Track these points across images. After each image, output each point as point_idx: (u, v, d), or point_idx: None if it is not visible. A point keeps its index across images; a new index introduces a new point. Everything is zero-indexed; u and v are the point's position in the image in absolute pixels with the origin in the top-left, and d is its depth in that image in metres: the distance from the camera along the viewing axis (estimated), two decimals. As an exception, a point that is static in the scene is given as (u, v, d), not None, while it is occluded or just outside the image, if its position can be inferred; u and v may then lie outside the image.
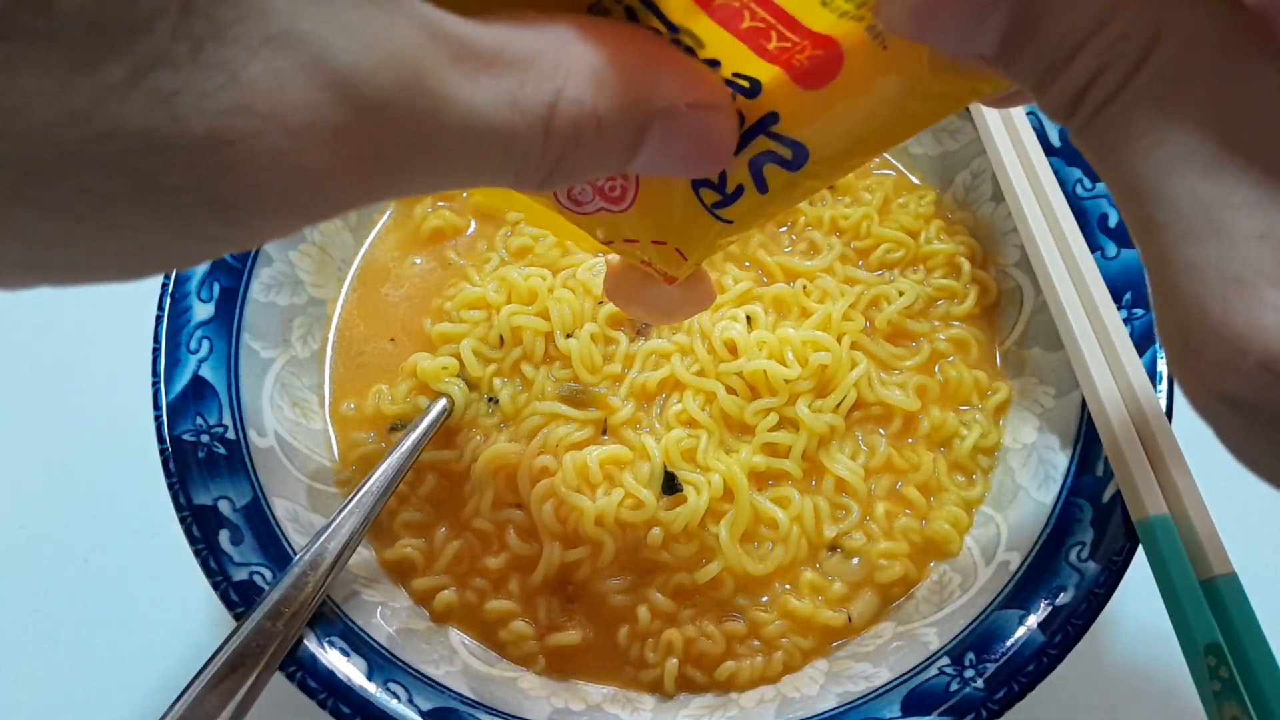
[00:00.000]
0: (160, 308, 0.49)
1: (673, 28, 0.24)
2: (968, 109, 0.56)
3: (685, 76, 0.24)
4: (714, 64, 0.25)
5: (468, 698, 0.45)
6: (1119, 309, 0.49)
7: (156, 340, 0.49)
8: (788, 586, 0.50)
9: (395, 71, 0.19)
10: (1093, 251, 0.50)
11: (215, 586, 0.44)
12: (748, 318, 0.54)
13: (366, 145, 0.19)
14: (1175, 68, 0.19)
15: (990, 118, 0.55)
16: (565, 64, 0.21)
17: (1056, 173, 0.53)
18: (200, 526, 0.45)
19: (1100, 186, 0.52)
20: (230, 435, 0.48)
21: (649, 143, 0.24)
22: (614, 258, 0.36)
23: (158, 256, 0.20)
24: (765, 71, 0.25)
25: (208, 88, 0.17)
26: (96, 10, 0.16)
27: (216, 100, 0.17)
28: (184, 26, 0.17)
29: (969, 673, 0.44)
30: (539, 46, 0.21)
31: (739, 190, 0.28)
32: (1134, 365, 0.47)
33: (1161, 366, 0.48)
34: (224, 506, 0.46)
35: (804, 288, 0.56)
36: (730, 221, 0.30)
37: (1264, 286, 0.18)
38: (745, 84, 0.25)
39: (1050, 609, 0.44)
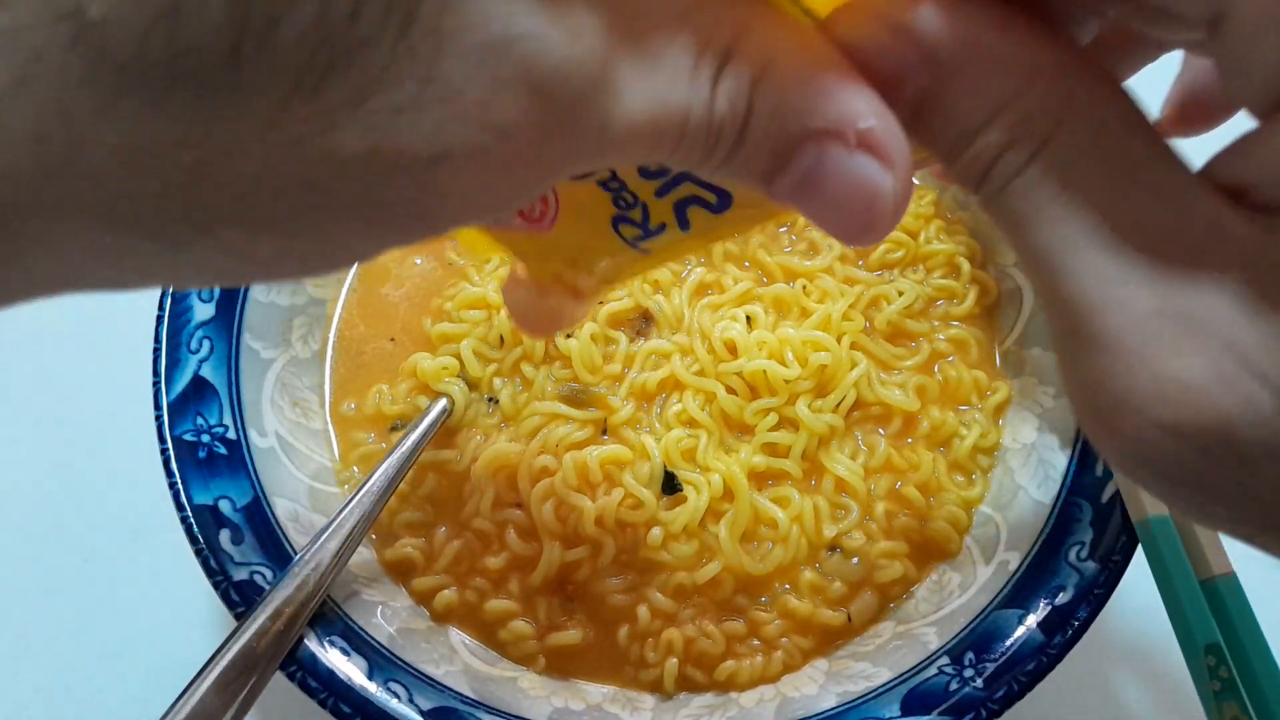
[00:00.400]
0: (160, 308, 0.49)
1: None
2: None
3: (864, 100, 0.20)
4: None
5: (468, 697, 0.45)
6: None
7: (157, 340, 0.49)
8: (787, 586, 0.50)
9: (589, 70, 0.18)
10: (1092, 252, 0.50)
11: (216, 586, 0.44)
12: (748, 318, 0.54)
13: (561, 141, 0.19)
14: (1077, 150, 0.20)
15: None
16: (740, 36, 0.20)
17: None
18: (201, 526, 0.45)
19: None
20: (231, 435, 0.48)
21: (797, 165, 0.20)
22: (520, 267, 0.35)
23: (350, 257, 0.20)
24: None
25: (428, 102, 0.17)
26: (318, 34, 0.16)
27: (437, 114, 0.17)
28: (405, 41, 0.16)
29: (968, 672, 0.44)
30: (721, 18, 0.20)
31: (661, 227, 0.28)
32: (1133, 365, 0.47)
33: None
34: (224, 506, 0.46)
35: (804, 288, 0.56)
36: (649, 252, 0.30)
37: (1163, 358, 0.20)
38: None
39: (1050, 609, 0.44)
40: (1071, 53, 0.21)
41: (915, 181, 0.61)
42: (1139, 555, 0.44)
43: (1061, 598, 0.45)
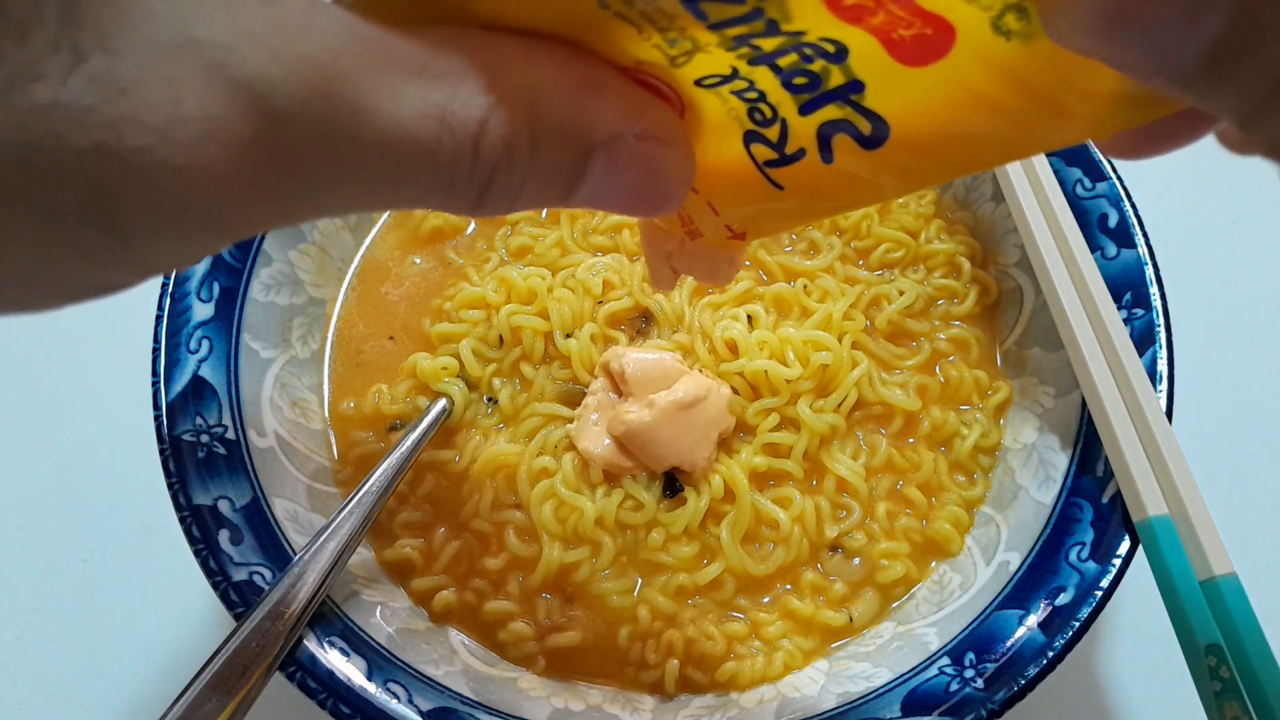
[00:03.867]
0: (160, 308, 0.49)
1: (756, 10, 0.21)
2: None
3: (632, 105, 0.22)
4: (798, 34, 0.22)
5: (468, 698, 0.45)
6: (1119, 309, 0.49)
7: (156, 340, 0.49)
8: (789, 587, 0.50)
9: (308, 79, 0.18)
10: (1093, 251, 0.50)
11: (215, 586, 0.44)
12: (749, 317, 0.54)
13: (275, 159, 0.18)
14: None
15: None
16: (500, 82, 0.20)
17: (1056, 173, 0.52)
18: (200, 526, 0.45)
19: (1101, 186, 0.52)
20: (230, 435, 0.48)
21: (593, 172, 0.22)
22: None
23: (51, 285, 0.19)
24: (856, 38, 0.22)
25: (91, 100, 0.16)
26: None
27: (101, 113, 0.16)
28: (65, 36, 0.16)
29: (969, 673, 0.44)
30: (472, 62, 0.20)
31: (800, 153, 0.25)
32: (1134, 365, 0.47)
33: (1161, 366, 0.48)
34: (224, 506, 0.46)
35: (804, 287, 0.56)
36: (781, 187, 0.27)
37: None
38: (830, 48, 0.22)
39: (1050, 609, 0.44)
40: None
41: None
42: (1139, 555, 0.44)
43: (1062, 598, 0.44)
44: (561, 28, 0.22)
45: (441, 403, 0.52)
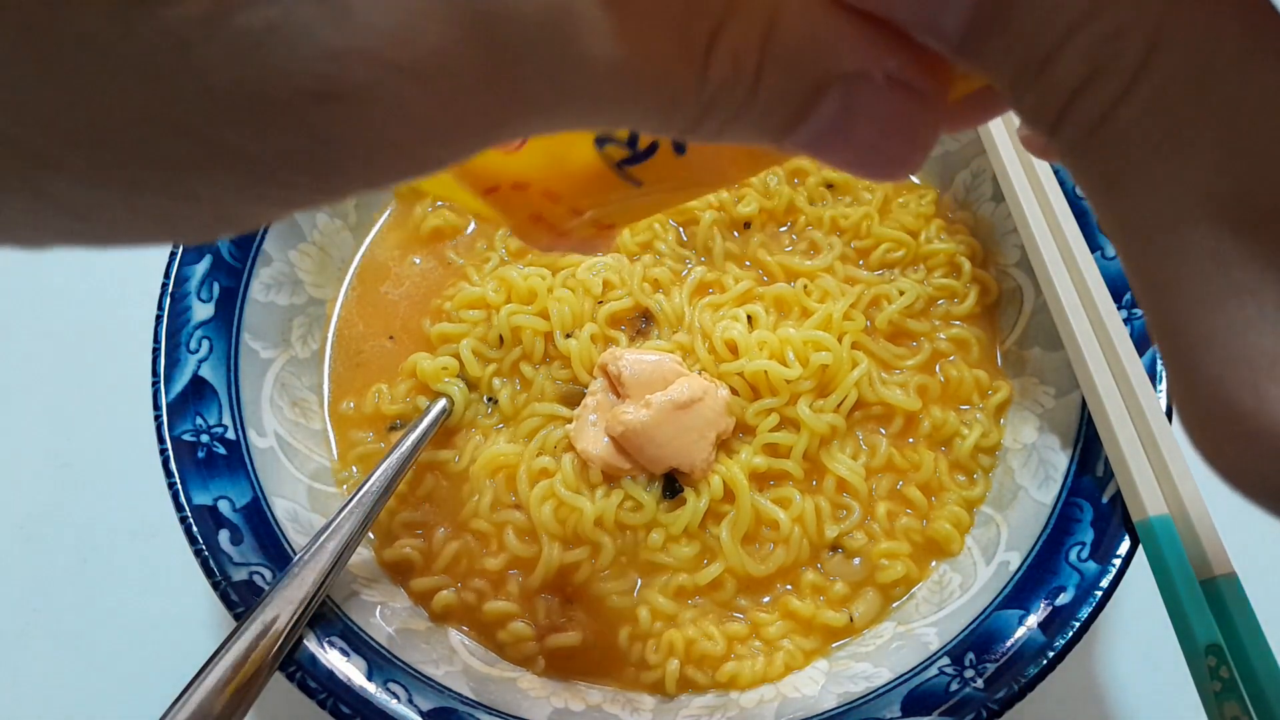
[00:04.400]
0: (160, 308, 0.49)
1: None
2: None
3: (890, 37, 0.18)
4: None
5: (468, 698, 0.45)
6: (1119, 309, 0.49)
7: (156, 340, 0.49)
8: (789, 587, 0.50)
9: (545, 3, 0.15)
10: (1093, 251, 0.50)
11: (215, 587, 0.44)
12: (748, 317, 0.54)
13: (505, 91, 0.16)
14: (1183, 84, 0.15)
15: (990, 117, 0.55)
16: None
17: (1056, 173, 0.52)
18: (200, 527, 0.45)
19: (1100, 186, 0.52)
20: (230, 435, 0.48)
21: (820, 113, 0.18)
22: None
23: (234, 222, 0.16)
24: None
25: (312, 27, 0.13)
26: None
27: (323, 43, 0.14)
28: None
29: (969, 673, 0.44)
30: None
31: (652, 148, 0.24)
32: (1134, 365, 0.47)
33: (1161, 366, 0.48)
34: (224, 506, 0.46)
35: (804, 287, 0.56)
36: (639, 183, 0.26)
37: None
38: None
39: (1050, 609, 0.44)
40: None
41: (915, 181, 0.61)
42: (1140, 555, 0.44)
43: (1062, 598, 0.44)
44: None
45: (441, 403, 0.52)
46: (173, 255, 0.50)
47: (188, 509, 0.45)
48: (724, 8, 0.17)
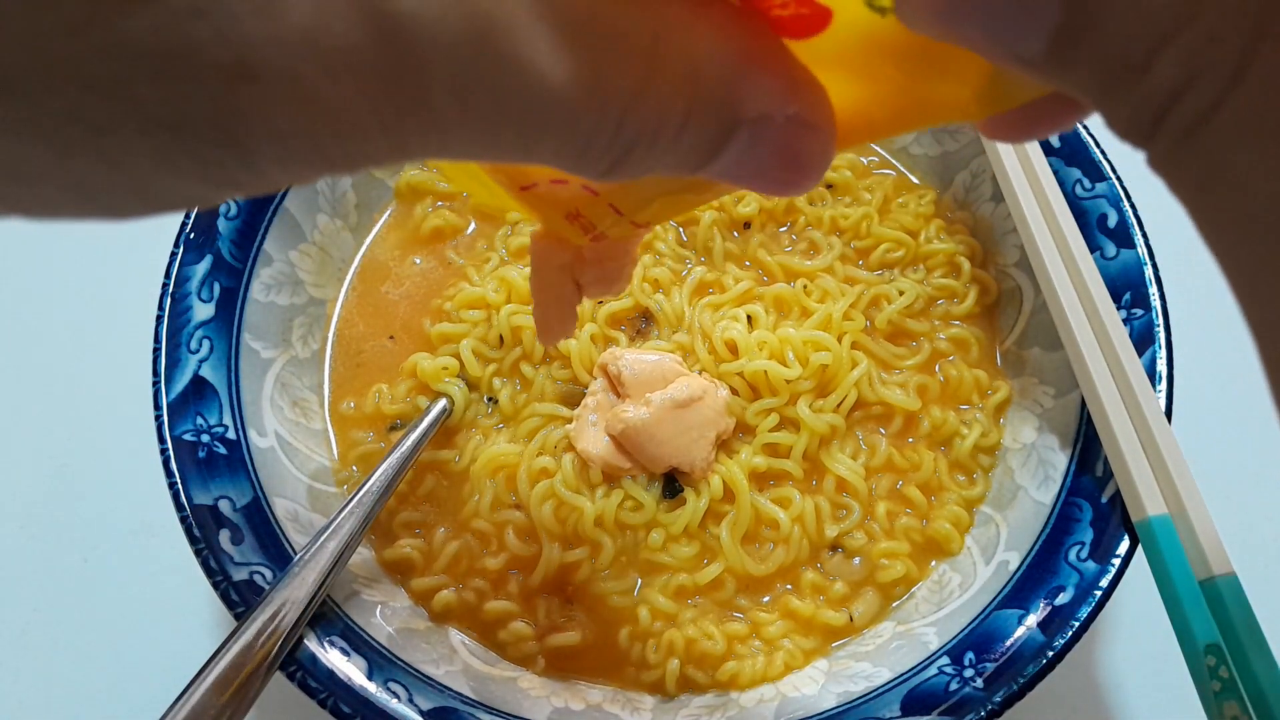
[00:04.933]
0: (160, 308, 0.49)
1: None
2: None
3: (788, 83, 0.20)
4: None
5: (468, 697, 0.45)
6: (1119, 309, 0.49)
7: (157, 340, 0.49)
8: (789, 586, 0.50)
9: (462, 22, 0.16)
10: (1092, 251, 0.50)
11: (216, 586, 0.44)
12: (748, 317, 0.54)
13: (411, 101, 0.17)
14: None
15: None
16: (661, 48, 0.18)
17: (1056, 173, 0.53)
18: (201, 526, 0.45)
19: (1100, 186, 0.52)
20: (230, 435, 0.48)
21: (731, 149, 0.21)
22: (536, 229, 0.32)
23: (155, 198, 0.17)
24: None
25: (238, 10, 0.15)
26: None
27: (245, 27, 0.15)
28: None
29: (968, 672, 0.44)
30: (636, 22, 0.18)
31: None
32: (1133, 365, 0.47)
33: (1161, 366, 0.48)
34: (224, 506, 0.46)
35: (804, 287, 0.56)
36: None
37: None
38: None
39: (1050, 609, 0.44)
40: None
41: (914, 181, 0.61)
42: (1139, 555, 0.44)
43: (1061, 598, 0.45)
44: None
45: (442, 403, 0.52)
46: (173, 256, 0.51)
47: (188, 509, 0.45)
48: (644, 71, 0.18)
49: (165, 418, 0.47)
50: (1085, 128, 0.54)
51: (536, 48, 0.17)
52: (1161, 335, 0.48)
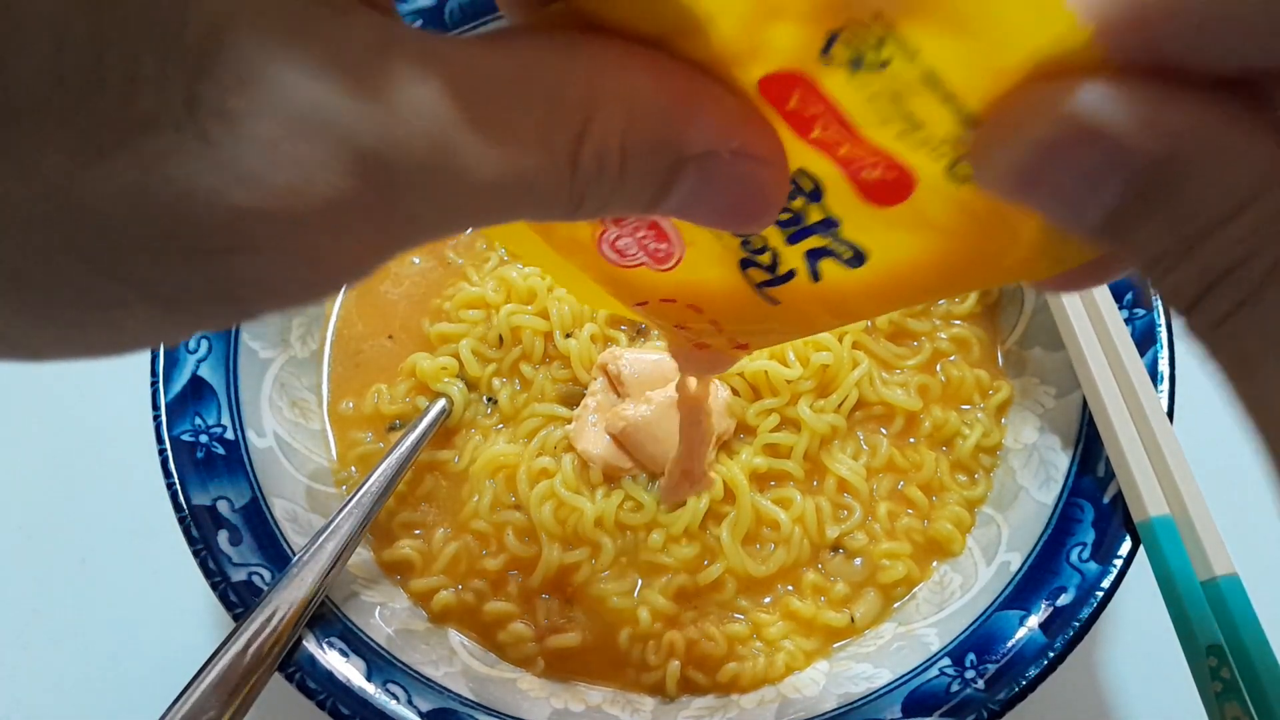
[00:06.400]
0: (159, 307, 0.49)
1: None
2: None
3: (731, 118, 0.21)
4: None
5: (467, 699, 0.45)
6: (1120, 308, 0.48)
7: (155, 340, 0.48)
8: (790, 587, 0.50)
9: (424, 138, 0.17)
10: (1094, 251, 0.50)
11: (214, 587, 0.44)
12: (748, 317, 0.54)
13: (394, 221, 0.18)
14: None
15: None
16: (595, 92, 0.19)
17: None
18: (199, 527, 0.45)
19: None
20: (229, 435, 0.48)
21: (681, 186, 0.21)
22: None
23: (148, 342, 0.19)
24: (831, 177, 0.23)
25: (224, 189, 0.16)
26: (86, 108, 0.15)
27: (232, 201, 0.16)
28: (193, 123, 0.15)
29: (970, 673, 0.44)
30: (569, 72, 0.19)
31: (791, 273, 0.27)
32: (1135, 365, 0.47)
33: (1163, 366, 0.47)
34: (223, 507, 0.46)
35: (804, 287, 0.56)
36: (777, 302, 0.28)
37: None
38: (808, 185, 0.24)
39: (1051, 610, 0.44)
40: None
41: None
42: (1141, 556, 0.44)
43: (1063, 599, 0.44)
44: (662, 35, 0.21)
45: (441, 403, 0.52)
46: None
47: (187, 509, 0.45)
48: (581, 117, 0.19)
49: (163, 418, 0.47)
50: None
51: (491, 132, 0.18)
52: (1163, 335, 0.48)
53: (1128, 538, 0.45)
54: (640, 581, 0.50)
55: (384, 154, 0.17)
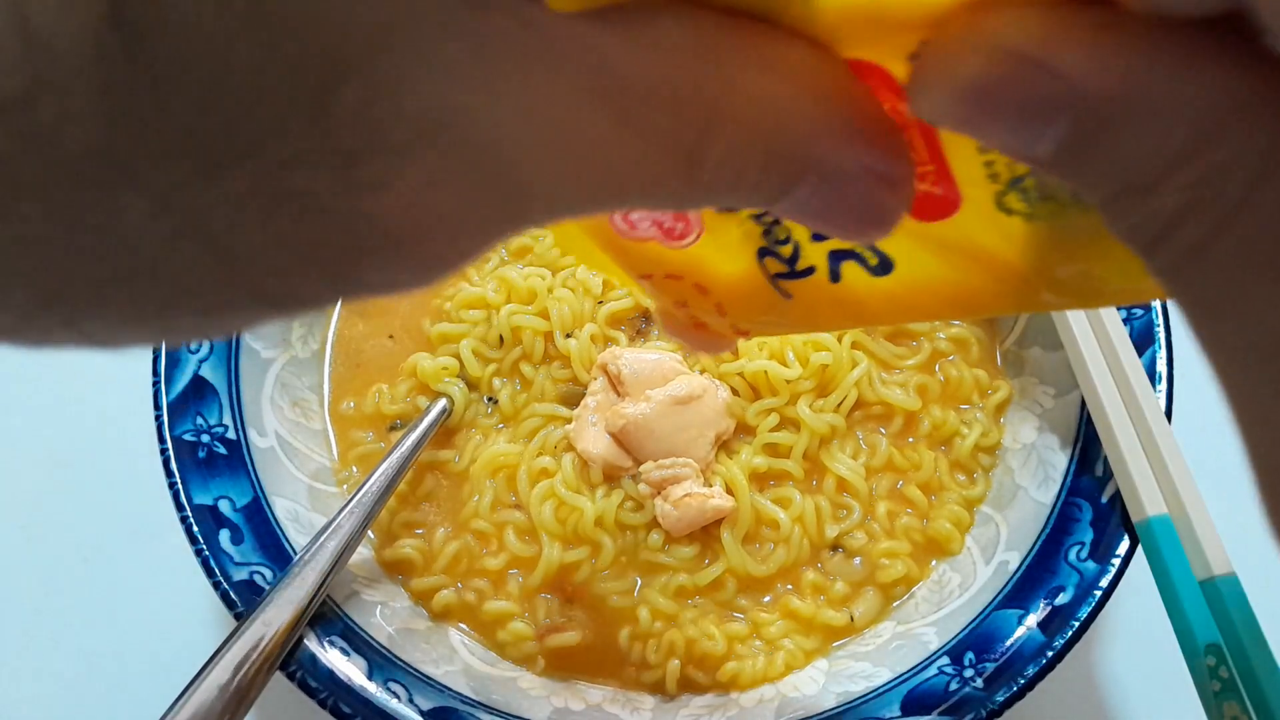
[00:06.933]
0: (160, 307, 0.49)
1: None
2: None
3: (865, 129, 0.20)
4: None
5: (468, 697, 0.45)
6: (1118, 309, 0.49)
7: (156, 340, 0.49)
8: (789, 586, 0.50)
9: (559, 138, 0.17)
10: (1093, 251, 0.50)
11: (215, 587, 0.44)
12: (748, 317, 0.54)
13: (513, 214, 0.18)
14: None
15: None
16: (725, 100, 0.18)
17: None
18: (201, 526, 0.45)
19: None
20: (231, 435, 0.48)
21: (797, 193, 0.20)
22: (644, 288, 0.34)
23: (209, 336, 0.19)
24: None
25: (353, 202, 0.15)
26: (212, 120, 0.14)
27: (359, 215, 0.15)
28: (318, 128, 0.15)
29: (968, 672, 0.44)
30: (707, 75, 0.18)
31: (809, 270, 0.26)
32: (1133, 365, 0.47)
33: (1161, 366, 0.48)
34: (224, 506, 0.46)
35: (804, 287, 0.56)
36: (789, 296, 0.28)
37: None
38: None
39: (1049, 609, 0.45)
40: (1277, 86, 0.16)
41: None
42: (1139, 555, 0.44)
43: (1061, 598, 0.45)
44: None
45: (442, 403, 0.52)
46: (173, 255, 0.51)
47: (188, 509, 0.45)
48: (715, 121, 0.18)
49: (165, 417, 0.47)
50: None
51: (621, 137, 0.18)
52: (1161, 335, 0.48)
53: (1126, 537, 0.45)
54: (640, 581, 0.50)
55: (517, 158, 0.17)
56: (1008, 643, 0.44)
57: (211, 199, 0.15)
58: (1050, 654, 0.43)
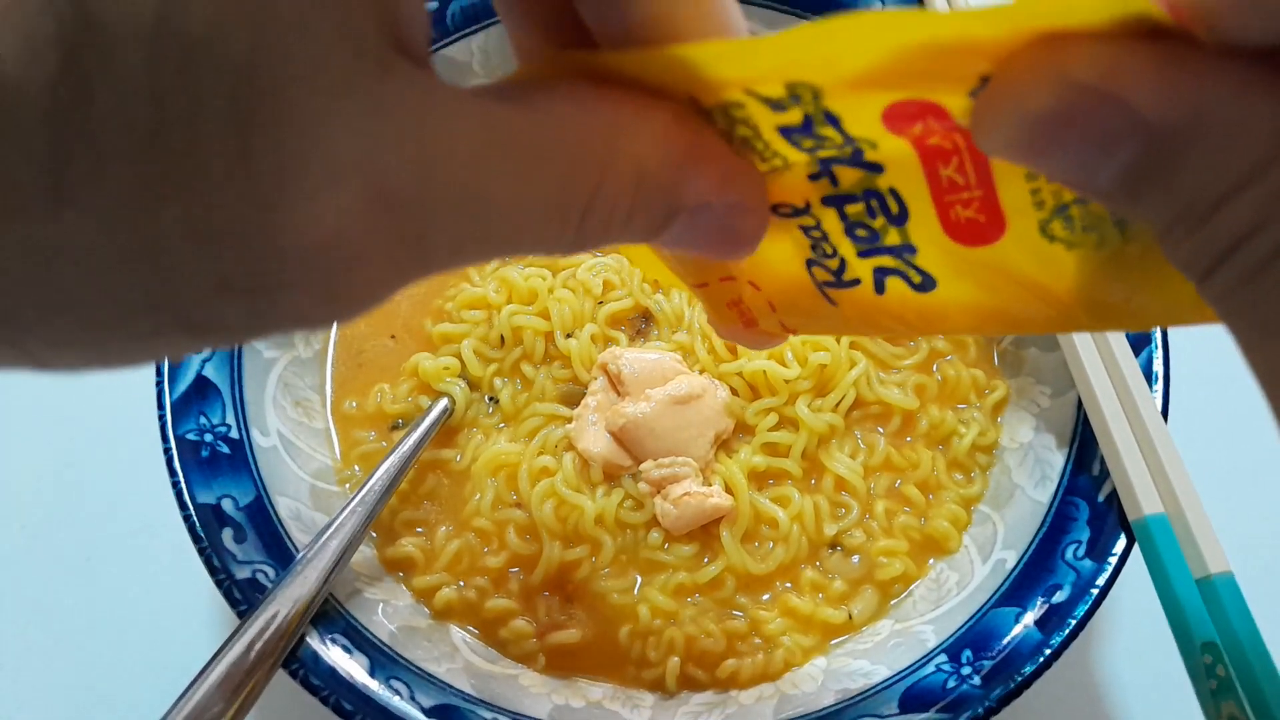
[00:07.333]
0: (163, 308, 0.49)
1: (849, 139, 0.22)
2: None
3: (725, 176, 0.23)
4: (877, 168, 0.23)
5: (469, 694, 0.45)
6: (1116, 309, 0.49)
7: (159, 340, 0.49)
8: (788, 585, 0.51)
9: (455, 188, 0.19)
10: (1090, 252, 0.50)
11: (219, 585, 0.44)
12: (747, 318, 0.54)
13: (417, 257, 0.19)
14: None
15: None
16: (610, 157, 0.21)
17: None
18: (203, 525, 0.45)
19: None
20: (233, 434, 0.48)
21: (674, 228, 0.24)
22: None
23: (158, 359, 0.21)
24: (918, 203, 0.24)
25: (272, 231, 0.17)
26: (151, 159, 0.16)
27: (281, 240, 0.17)
28: (244, 172, 0.16)
29: (966, 670, 0.44)
30: (589, 134, 0.21)
31: (855, 281, 0.28)
32: (1130, 365, 0.47)
33: (1157, 366, 0.48)
34: (227, 505, 0.46)
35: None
36: (835, 303, 0.29)
37: None
38: (895, 208, 0.24)
39: (1047, 607, 0.45)
40: None
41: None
42: (1136, 554, 0.45)
43: (1058, 596, 0.45)
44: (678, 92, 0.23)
45: (443, 402, 0.53)
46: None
47: (191, 508, 0.46)
48: (597, 174, 0.21)
49: (168, 417, 0.47)
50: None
51: (511, 185, 0.20)
52: (1158, 335, 0.48)
53: (1123, 536, 0.45)
54: (640, 579, 0.51)
55: (420, 205, 0.18)
56: (1005, 640, 0.44)
57: (154, 229, 0.16)
58: (1047, 652, 0.43)
